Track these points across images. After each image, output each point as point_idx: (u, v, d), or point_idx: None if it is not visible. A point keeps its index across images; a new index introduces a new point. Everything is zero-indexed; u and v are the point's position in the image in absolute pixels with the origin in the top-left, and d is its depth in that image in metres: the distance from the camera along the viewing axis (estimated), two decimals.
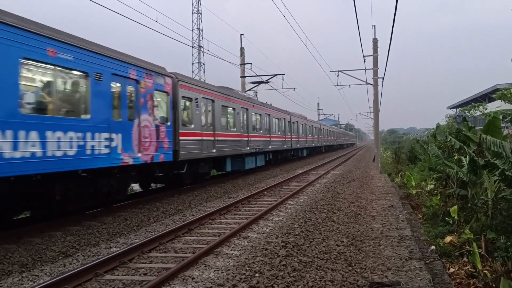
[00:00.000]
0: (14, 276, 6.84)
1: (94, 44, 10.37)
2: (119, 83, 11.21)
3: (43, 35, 8.63)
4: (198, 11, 46.43)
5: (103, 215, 11.20)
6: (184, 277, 6.44)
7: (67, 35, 9.48)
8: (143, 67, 12.32)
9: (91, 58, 10.02)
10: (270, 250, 7.20)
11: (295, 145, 34.56)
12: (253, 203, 13.60)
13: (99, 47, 10.51)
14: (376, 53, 27.77)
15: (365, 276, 6.62)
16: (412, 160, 27.21)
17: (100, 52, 10.37)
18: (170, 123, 13.83)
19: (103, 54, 10.49)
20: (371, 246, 8.47)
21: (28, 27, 8.33)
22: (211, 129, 17.28)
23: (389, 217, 11.36)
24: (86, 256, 7.92)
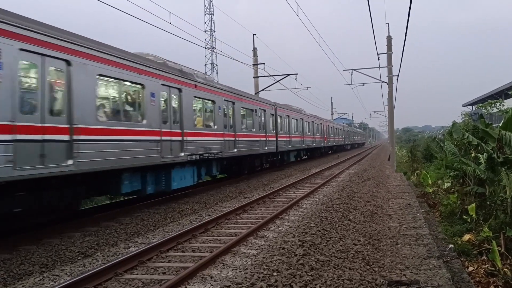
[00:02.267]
0: (35, 276, 6.96)
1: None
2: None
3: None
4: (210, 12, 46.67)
5: (121, 216, 11.33)
6: (203, 276, 6.49)
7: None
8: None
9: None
10: (287, 249, 7.21)
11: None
12: (268, 203, 13.62)
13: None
14: (390, 51, 27.56)
15: (383, 275, 6.59)
16: (428, 158, 26.93)
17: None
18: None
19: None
20: (389, 245, 8.43)
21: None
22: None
23: (406, 216, 11.28)
24: (105, 256, 8.02)
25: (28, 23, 8.31)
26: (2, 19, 7.71)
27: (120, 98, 11.32)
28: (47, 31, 8.73)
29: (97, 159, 9.76)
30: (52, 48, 8.75)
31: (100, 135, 9.96)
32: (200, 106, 15.99)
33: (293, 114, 30.24)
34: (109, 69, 10.42)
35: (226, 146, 17.31)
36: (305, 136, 33.63)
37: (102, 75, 10.27)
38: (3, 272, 6.97)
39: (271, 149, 24.12)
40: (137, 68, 11.56)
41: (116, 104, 11.26)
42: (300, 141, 31.98)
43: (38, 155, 8.20)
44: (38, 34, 8.41)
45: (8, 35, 7.78)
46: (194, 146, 14.41)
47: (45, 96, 8.56)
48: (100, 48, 10.24)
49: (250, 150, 20.66)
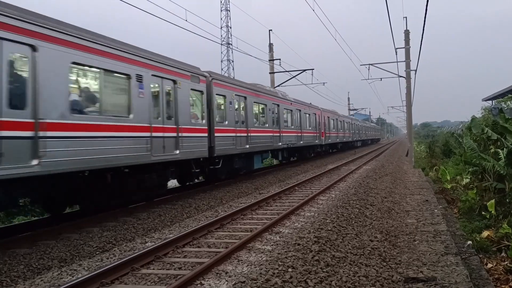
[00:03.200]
0: (53, 270, 7.07)
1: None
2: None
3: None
4: (226, 8, 46.68)
5: (138, 211, 11.45)
6: (218, 271, 6.52)
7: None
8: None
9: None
10: (302, 245, 7.19)
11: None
12: (284, 199, 13.60)
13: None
14: (408, 45, 27.25)
15: (400, 271, 6.54)
16: (447, 154, 26.63)
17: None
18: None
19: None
20: (406, 241, 8.35)
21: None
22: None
23: (424, 212, 11.16)
24: (123, 251, 8.12)
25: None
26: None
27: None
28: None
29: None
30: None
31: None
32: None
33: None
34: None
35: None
36: (282, 131, 23.11)
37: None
38: (23, 266, 7.11)
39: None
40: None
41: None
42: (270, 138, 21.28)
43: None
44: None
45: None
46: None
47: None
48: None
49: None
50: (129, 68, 10.64)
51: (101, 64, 9.68)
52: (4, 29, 7.38)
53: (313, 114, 30.65)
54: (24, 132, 7.70)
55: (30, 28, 7.89)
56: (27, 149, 7.71)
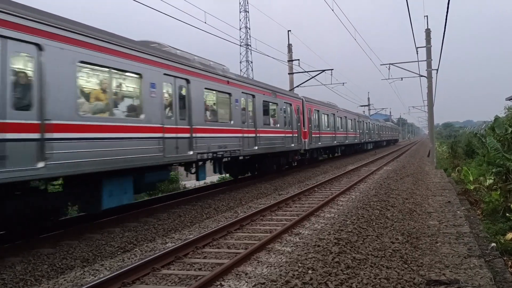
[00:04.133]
0: (76, 270, 7.19)
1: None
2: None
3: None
4: (245, 9, 46.79)
5: (158, 212, 11.56)
6: (238, 272, 6.53)
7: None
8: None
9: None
10: (322, 247, 7.15)
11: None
12: (303, 200, 13.55)
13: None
14: (429, 44, 26.83)
15: (422, 274, 6.45)
16: (470, 154, 26.17)
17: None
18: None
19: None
20: (428, 243, 8.23)
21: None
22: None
23: (446, 214, 10.99)
24: (143, 251, 8.20)
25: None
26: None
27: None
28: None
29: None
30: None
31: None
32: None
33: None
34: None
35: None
36: (244, 130, 16.18)
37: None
38: (47, 266, 7.25)
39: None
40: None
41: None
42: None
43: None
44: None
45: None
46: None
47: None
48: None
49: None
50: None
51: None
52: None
53: (286, 105, 21.15)
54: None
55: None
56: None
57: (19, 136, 7.24)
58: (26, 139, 7.38)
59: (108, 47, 9.31)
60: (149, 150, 10.39)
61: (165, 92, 11.33)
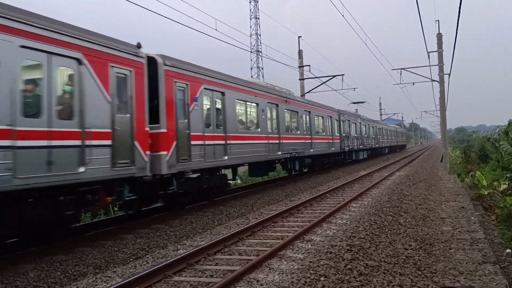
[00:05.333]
0: (89, 277, 7.22)
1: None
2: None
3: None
4: (256, 16, 46.97)
5: (170, 218, 11.58)
6: (249, 279, 6.50)
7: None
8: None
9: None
10: (334, 254, 7.10)
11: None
12: (315, 206, 13.49)
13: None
14: (441, 49, 26.65)
15: (436, 280, 6.36)
16: (483, 159, 25.89)
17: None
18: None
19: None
20: (441, 249, 8.12)
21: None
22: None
23: (460, 219, 10.85)
24: (155, 258, 8.21)
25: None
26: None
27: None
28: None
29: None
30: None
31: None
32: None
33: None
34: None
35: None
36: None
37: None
38: (60, 273, 7.29)
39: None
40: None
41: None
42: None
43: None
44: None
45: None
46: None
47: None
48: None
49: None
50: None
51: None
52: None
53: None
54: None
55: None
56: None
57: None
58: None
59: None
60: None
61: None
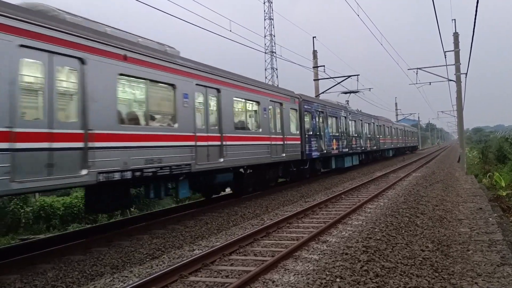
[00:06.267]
0: (106, 277, 7.29)
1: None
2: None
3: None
4: (270, 17, 46.87)
5: (186, 219, 11.65)
6: (265, 280, 6.51)
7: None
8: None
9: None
10: (350, 255, 7.07)
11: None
12: (330, 207, 13.43)
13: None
14: (458, 48, 26.33)
15: (453, 282, 6.29)
16: (501, 159, 25.51)
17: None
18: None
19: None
20: (459, 251, 8.03)
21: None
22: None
23: (478, 221, 10.70)
24: (171, 258, 8.26)
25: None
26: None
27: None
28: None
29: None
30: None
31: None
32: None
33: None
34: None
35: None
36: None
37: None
38: (77, 273, 7.38)
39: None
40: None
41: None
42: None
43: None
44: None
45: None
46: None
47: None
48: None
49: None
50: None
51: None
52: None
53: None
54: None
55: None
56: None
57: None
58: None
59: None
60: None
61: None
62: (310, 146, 20.08)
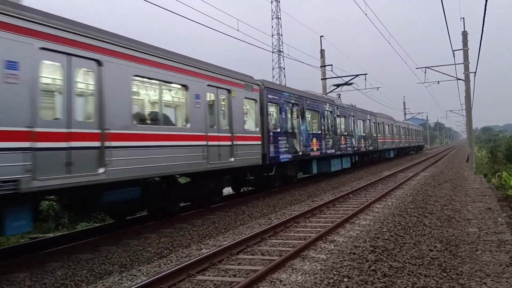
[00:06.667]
0: (114, 275, 7.34)
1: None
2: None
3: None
4: (277, 16, 46.82)
5: (193, 218, 11.67)
6: (272, 279, 6.51)
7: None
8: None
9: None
10: (358, 255, 7.05)
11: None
12: (338, 207, 13.41)
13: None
14: (466, 47, 26.13)
15: (462, 282, 6.25)
16: (510, 159, 25.31)
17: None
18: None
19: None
20: (467, 251, 7.98)
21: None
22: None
23: (486, 221, 10.63)
24: (179, 257, 8.30)
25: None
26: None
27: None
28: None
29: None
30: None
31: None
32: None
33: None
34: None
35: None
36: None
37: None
38: (86, 271, 7.44)
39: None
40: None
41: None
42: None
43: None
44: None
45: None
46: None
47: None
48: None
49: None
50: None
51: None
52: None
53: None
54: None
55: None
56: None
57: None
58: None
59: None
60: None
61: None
62: (277, 147, 16.09)
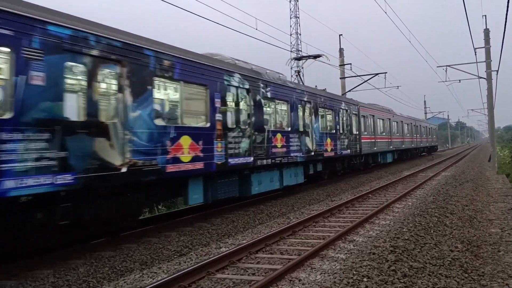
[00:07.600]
0: (135, 273, 7.46)
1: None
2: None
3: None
4: (296, 15, 46.69)
5: (212, 217, 11.76)
6: (291, 278, 6.53)
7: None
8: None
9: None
10: (377, 255, 7.02)
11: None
12: (357, 206, 13.34)
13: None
14: (488, 45, 25.69)
15: (483, 283, 6.17)
16: None
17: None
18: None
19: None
20: (489, 252, 7.87)
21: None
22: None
23: (509, 221, 10.44)
24: (198, 255, 8.37)
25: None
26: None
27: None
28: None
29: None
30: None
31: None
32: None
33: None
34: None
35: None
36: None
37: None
38: (108, 269, 7.57)
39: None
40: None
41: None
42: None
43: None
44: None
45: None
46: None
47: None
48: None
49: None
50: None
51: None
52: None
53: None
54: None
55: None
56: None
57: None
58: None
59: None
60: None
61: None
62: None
